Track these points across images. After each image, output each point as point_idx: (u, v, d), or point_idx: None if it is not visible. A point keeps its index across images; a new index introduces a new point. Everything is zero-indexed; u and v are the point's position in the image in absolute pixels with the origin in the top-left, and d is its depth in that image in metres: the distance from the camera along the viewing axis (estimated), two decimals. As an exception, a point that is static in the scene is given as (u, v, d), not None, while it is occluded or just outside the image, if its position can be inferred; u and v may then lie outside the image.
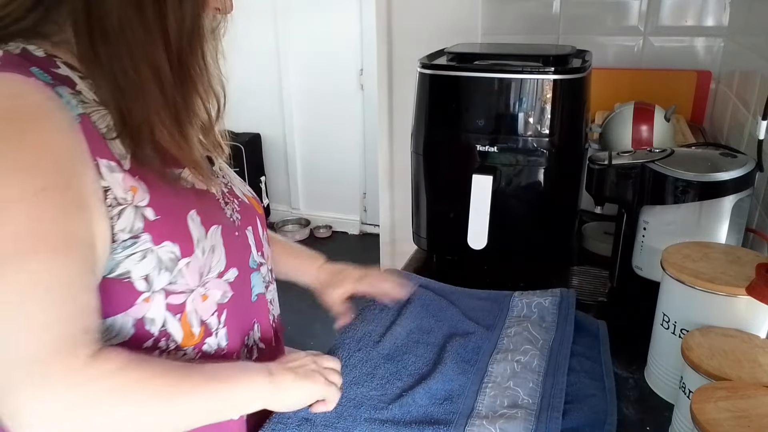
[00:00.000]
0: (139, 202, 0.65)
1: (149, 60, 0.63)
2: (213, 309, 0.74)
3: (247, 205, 0.84)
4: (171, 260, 0.67)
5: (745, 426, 0.59)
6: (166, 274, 0.67)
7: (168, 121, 0.66)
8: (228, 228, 0.76)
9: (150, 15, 0.62)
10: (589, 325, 1.01)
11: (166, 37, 0.64)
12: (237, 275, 0.77)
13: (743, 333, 0.76)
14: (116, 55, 0.63)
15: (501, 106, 1.11)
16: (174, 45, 0.65)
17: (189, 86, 0.68)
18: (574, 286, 1.17)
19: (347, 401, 0.84)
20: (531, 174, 1.13)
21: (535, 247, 1.19)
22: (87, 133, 0.61)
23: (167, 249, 0.67)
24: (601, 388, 0.86)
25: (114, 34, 0.62)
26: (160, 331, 0.69)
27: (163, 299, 0.68)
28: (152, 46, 0.63)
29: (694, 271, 0.80)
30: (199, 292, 0.71)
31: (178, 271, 0.68)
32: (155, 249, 0.66)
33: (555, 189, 1.16)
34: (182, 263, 0.68)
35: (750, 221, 1.13)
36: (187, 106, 0.69)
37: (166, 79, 0.65)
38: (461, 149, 1.14)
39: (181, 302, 0.70)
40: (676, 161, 0.98)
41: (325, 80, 3.81)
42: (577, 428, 0.78)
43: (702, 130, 1.73)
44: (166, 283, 0.68)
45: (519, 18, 1.97)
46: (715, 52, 1.83)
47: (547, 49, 1.29)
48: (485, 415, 0.80)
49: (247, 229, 0.82)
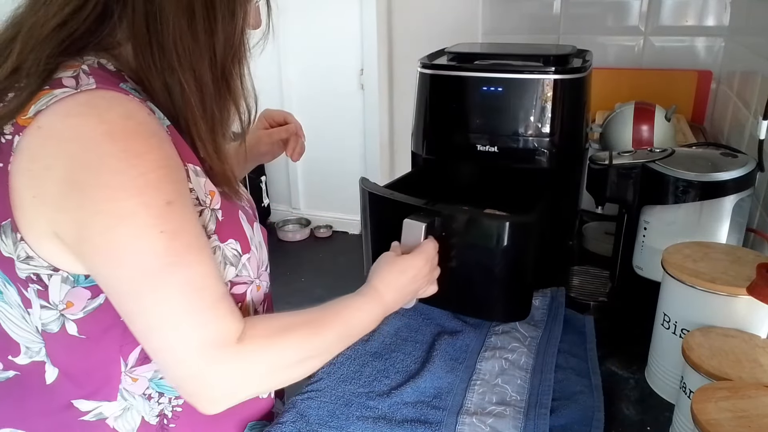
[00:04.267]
0: (215, 205, 0.71)
1: (195, 74, 0.66)
2: (262, 298, 0.81)
3: (251, 203, 0.89)
4: (234, 256, 0.73)
5: (746, 426, 0.59)
6: (231, 269, 0.73)
7: (203, 132, 0.69)
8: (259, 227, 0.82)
9: (200, 30, 0.65)
10: (576, 321, 1.02)
11: (212, 52, 0.67)
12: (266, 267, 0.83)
13: (744, 333, 0.76)
14: (170, 68, 0.65)
15: (501, 106, 1.11)
16: (219, 60, 0.68)
17: (227, 100, 0.71)
18: (574, 286, 1.17)
19: (337, 399, 0.84)
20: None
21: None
22: (176, 142, 0.66)
23: (231, 246, 0.73)
24: (588, 384, 0.86)
25: (169, 48, 0.65)
26: None
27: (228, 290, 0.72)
28: (199, 59, 0.66)
29: (694, 271, 0.80)
30: (256, 284, 0.78)
31: (242, 265, 0.74)
32: (222, 246, 0.71)
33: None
34: (244, 258, 0.75)
35: (750, 221, 1.13)
36: (222, 120, 0.72)
37: (207, 91, 0.68)
38: (461, 149, 1.14)
39: (242, 292, 0.76)
40: (677, 161, 0.98)
41: (325, 80, 3.81)
42: (565, 425, 0.79)
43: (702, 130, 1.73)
44: (233, 276, 0.73)
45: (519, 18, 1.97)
46: (716, 51, 1.83)
47: (548, 49, 1.29)
48: (474, 412, 0.81)
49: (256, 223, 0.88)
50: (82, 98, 0.60)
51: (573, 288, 1.16)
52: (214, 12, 0.65)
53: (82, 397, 0.70)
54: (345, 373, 0.90)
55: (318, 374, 0.90)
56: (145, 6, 0.63)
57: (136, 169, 0.59)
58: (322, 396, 0.86)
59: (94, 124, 0.59)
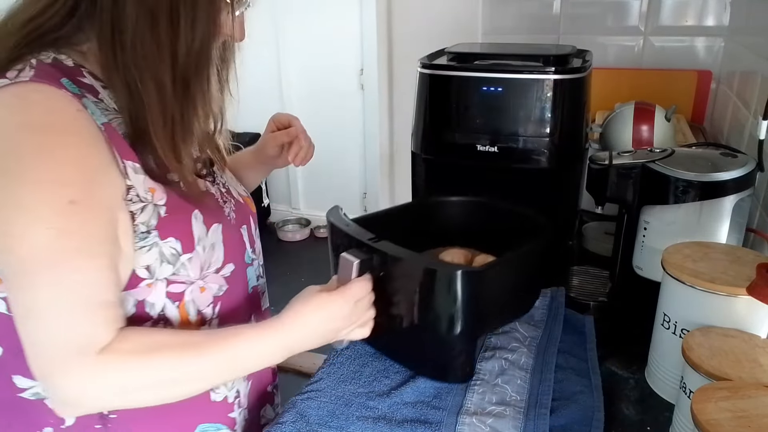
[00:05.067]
0: (158, 201, 0.71)
1: (154, 74, 0.67)
2: (210, 300, 0.79)
3: (242, 205, 0.89)
4: (172, 255, 0.73)
5: (746, 426, 0.59)
6: (168, 267, 0.73)
7: (162, 134, 0.69)
8: (227, 226, 0.81)
9: (163, 33, 0.66)
10: (576, 321, 1.02)
11: (174, 56, 0.68)
12: (233, 270, 0.82)
13: (744, 333, 0.76)
14: (130, 66, 0.67)
15: (501, 106, 1.11)
16: (180, 64, 0.68)
17: (188, 105, 0.71)
18: (574, 286, 1.17)
19: (337, 399, 0.85)
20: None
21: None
22: (113, 139, 0.67)
23: (170, 245, 0.72)
24: (588, 384, 0.86)
25: (129, 46, 0.66)
26: (159, 315, 0.74)
27: (164, 287, 0.73)
28: (160, 61, 0.67)
29: (694, 271, 0.80)
30: (198, 285, 0.77)
31: (181, 264, 0.74)
32: (160, 243, 0.71)
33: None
34: (184, 258, 0.74)
35: (750, 221, 1.13)
36: (184, 125, 0.71)
37: (166, 93, 0.68)
38: (461, 149, 1.14)
39: (180, 291, 0.75)
40: (677, 161, 0.98)
41: (325, 80, 3.80)
42: (565, 425, 0.79)
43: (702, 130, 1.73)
44: (169, 274, 0.73)
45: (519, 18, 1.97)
46: (716, 51, 1.83)
47: (548, 49, 1.29)
48: (474, 413, 0.81)
49: (242, 227, 0.87)
50: (13, 90, 0.62)
51: (573, 288, 1.16)
52: (178, 18, 0.66)
53: (20, 373, 0.71)
54: (345, 373, 0.90)
55: (318, 374, 0.90)
56: (111, 5, 0.65)
57: (45, 164, 0.61)
58: (322, 396, 0.86)
59: (16, 115, 0.62)
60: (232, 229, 0.83)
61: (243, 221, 0.87)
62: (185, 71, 0.69)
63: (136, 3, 0.65)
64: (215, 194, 0.83)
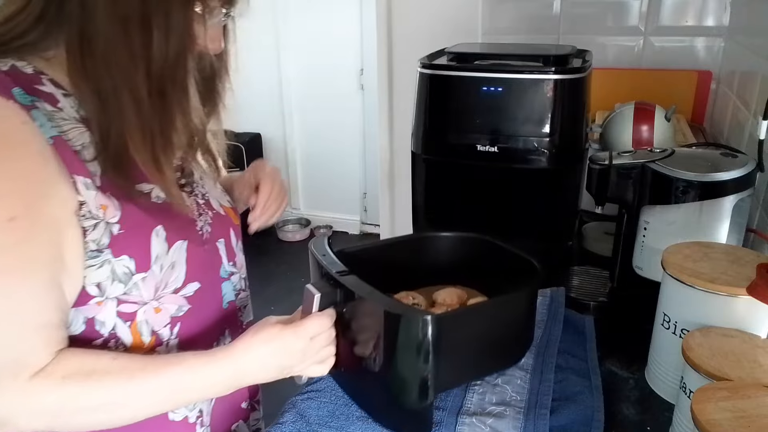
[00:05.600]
0: (110, 218, 0.68)
1: (129, 84, 0.66)
2: (166, 321, 0.76)
3: (222, 217, 0.86)
4: (125, 274, 0.70)
5: (746, 426, 0.59)
6: (119, 285, 0.70)
7: (141, 147, 0.68)
8: (195, 242, 0.78)
9: (136, 42, 0.65)
10: (576, 321, 1.02)
11: (148, 66, 0.66)
12: (199, 288, 0.78)
13: (744, 333, 0.76)
14: (101, 75, 0.65)
15: (501, 106, 1.11)
16: (156, 74, 0.66)
17: (167, 117, 0.70)
18: (574, 286, 1.17)
19: (337, 399, 0.84)
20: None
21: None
22: (62, 153, 0.64)
23: (123, 263, 0.69)
24: (588, 384, 0.86)
25: (100, 55, 0.65)
26: (110, 333, 0.72)
27: (114, 306, 0.71)
28: (134, 71, 0.65)
29: (694, 271, 0.80)
30: (153, 305, 0.74)
31: (134, 284, 0.71)
32: (112, 261, 0.69)
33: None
34: (137, 277, 0.71)
35: (750, 221, 1.13)
36: (164, 137, 0.70)
37: (144, 105, 0.67)
38: (461, 149, 1.14)
39: (132, 311, 0.73)
40: (677, 161, 0.98)
41: (325, 80, 3.81)
42: (565, 425, 0.79)
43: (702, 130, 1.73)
44: (120, 293, 0.71)
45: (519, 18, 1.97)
46: (716, 52, 1.83)
47: (548, 49, 1.29)
48: (474, 413, 0.81)
49: (219, 241, 0.84)
50: None
51: (573, 288, 1.16)
52: (150, 27, 0.65)
53: None
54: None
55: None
56: (80, 13, 0.64)
57: None
58: (322, 396, 0.86)
59: None
60: (202, 245, 0.80)
61: (221, 234, 0.84)
62: (161, 82, 0.67)
63: (105, 10, 0.63)
64: (190, 206, 0.81)
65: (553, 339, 0.96)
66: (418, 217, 1.28)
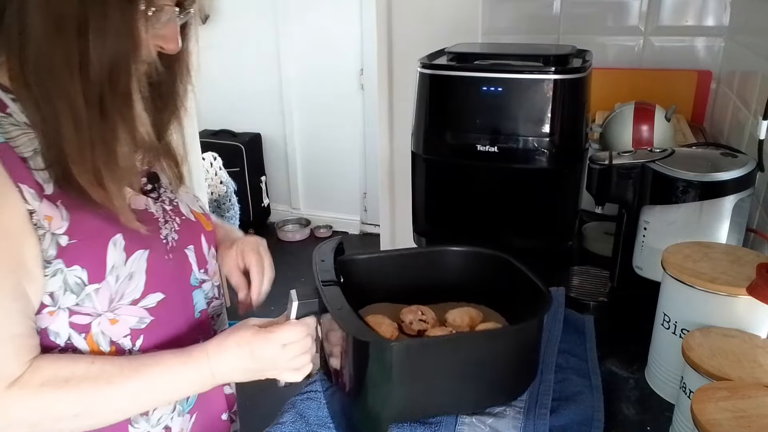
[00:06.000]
0: (56, 229, 0.66)
1: (64, 91, 0.62)
2: (125, 333, 0.74)
3: (192, 223, 0.84)
4: (77, 285, 0.68)
5: (746, 426, 0.59)
6: (71, 296, 0.68)
7: (79, 158, 0.64)
8: (157, 252, 0.75)
9: (71, 45, 0.61)
10: (576, 321, 1.02)
11: (85, 71, 0.62)
12: (163, 299, 0.76)
13: (744, 333, 0.76)
14: (37, 81, 0.62)
15: (501, 106, 1.11)
16: (93, 81, 0.63)
17: (108, 126, 0.66)
18: (574, 286, 1.17)
19: None
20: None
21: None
22: (7, 161, 0.62)
23: (75, 274, 0.67)
24: (588, 384, 0.86)
25: (34, 59, 0.62)
26: (66, 344, 0.71)
27: (66, 317, 0.69)
28: (69, 77, 0.62)
29: (694, 271, 0.80)
30: (108, 317, 0.71)
31: (86, 295, 0.69)
32: (65, 270, 0.67)
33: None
34: (90, 288, 0.69)
35: (750, 221, 1.12)
36: (105, 148, 0.66)
37: (80, 114, 0.63)
38: (461, 149, 1.14)
39: (86, 323, 0.71)
40: (677, 161, 0.98)
41: (325, 80, 3.81)
42: (565, 425, 0.79)
43: (702, 130, 1.73)
44: (72, 304, 0.69)
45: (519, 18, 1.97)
46: (716, 51, 1.83)
47: (548, 49, 1.29)
48: (474, 412, 0.81)
49: (188, 248, 0.82)
50: None
51: (573, 288, 1.16)
52: (87, 29, 0.61)
53: None
54: None
55: (317, 375, 0.90)
56: (17, 13, 0.61)
57: None
58: (321, 396, 0.86)
59: None
60: (167, 253, 0.77)
61: (190, 241, 0.82)
62: (100, 88, 0.63)
63: (40, 11, 0.60)
64: (155, 213, 0.78)
65: (553, 339, 0.96)
66: (418, 217, 1.28)
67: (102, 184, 0.66)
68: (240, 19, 3.82)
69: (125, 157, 0.69)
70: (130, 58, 0.65)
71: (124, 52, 0.64)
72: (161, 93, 0.77)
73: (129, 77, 0.66)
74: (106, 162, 0.66)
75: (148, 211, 0.77)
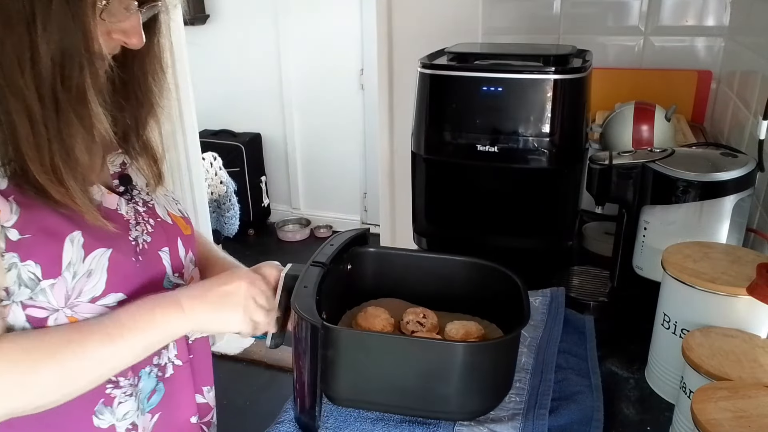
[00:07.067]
0: (5, 222, 0.64)
1: (16, 89, 0.61)
2: None
3: (167, 226, 0.82)
4: (31, 280, 0.67)
5: (746, 426, 0.59)
6: (25, 290, 0.67)
7: (35, 157, 0.63)
8: (122, 252, 0.74)
9: (22, 42, 0.60)
10: (576, 321, 1.02)
11: (36, 69, 0.60)
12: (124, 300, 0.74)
13: (744, 333, 0.76)
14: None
15: (501, 106, 1.11)
16: (45, 77, 0.61)
17: (64, 124, 0.64)
18: (574, 286, 1.17)
19: None
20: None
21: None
22: None
23: (28, 268, 0.66)
24: (588, 384, 0.86)
25: None
26: None
27: (20, 310, 0.68)
28: (21, 75, 0.60)
29: (694, 271, 0.80)
30: (66, 313, 0.70)
31: (41, 290, 0.68)
32: (19, 265, 0.66)
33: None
34: (45, 284, 0.68)
35: (751, 221, 1.12)
36: (63, 147, 0.65)
37: (35, 113, 0.62)
38: (461, 149, 1.14)
39: (42, 317, 0.69)
40: (677, 161, 0.98)
41: (325, 80, 3.81)
42: (565, 425, 0.79)
43: (702, 130, 1.73)
44: (25, 298, 0.68)
45: (519, 18, 1.97)
46: (716, 51, 1.83)
47: (548, 49, 1.29)
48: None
49: (162, 250, 0.80)
50: None
51: (573, 288, 1.16)
52: (34, 23, 0.59)
53: None
54: None
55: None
56: None
57: None
58: (321, 396, 0.86)
59: None
60: (134, 255, 0.75)
61: (164, 244, 0.80)
62: (52, 83, 0.61)
63: None
64: (125, 215, 0.76)
65: (553, 339, 0.96)
66: (418, 217, 1.28)
67: (62, 181, 0.65)
68: (240, 19, 3.83)
69: (85, 155, 0.68)
70: (81, 51, 0.63)
71: (74, 46, 0.62)
72: (134, 91, 0.76)
73: (81, 72, 0.63)
74: (65, 160, 0.65)
75: (118, 212, 0.75)
